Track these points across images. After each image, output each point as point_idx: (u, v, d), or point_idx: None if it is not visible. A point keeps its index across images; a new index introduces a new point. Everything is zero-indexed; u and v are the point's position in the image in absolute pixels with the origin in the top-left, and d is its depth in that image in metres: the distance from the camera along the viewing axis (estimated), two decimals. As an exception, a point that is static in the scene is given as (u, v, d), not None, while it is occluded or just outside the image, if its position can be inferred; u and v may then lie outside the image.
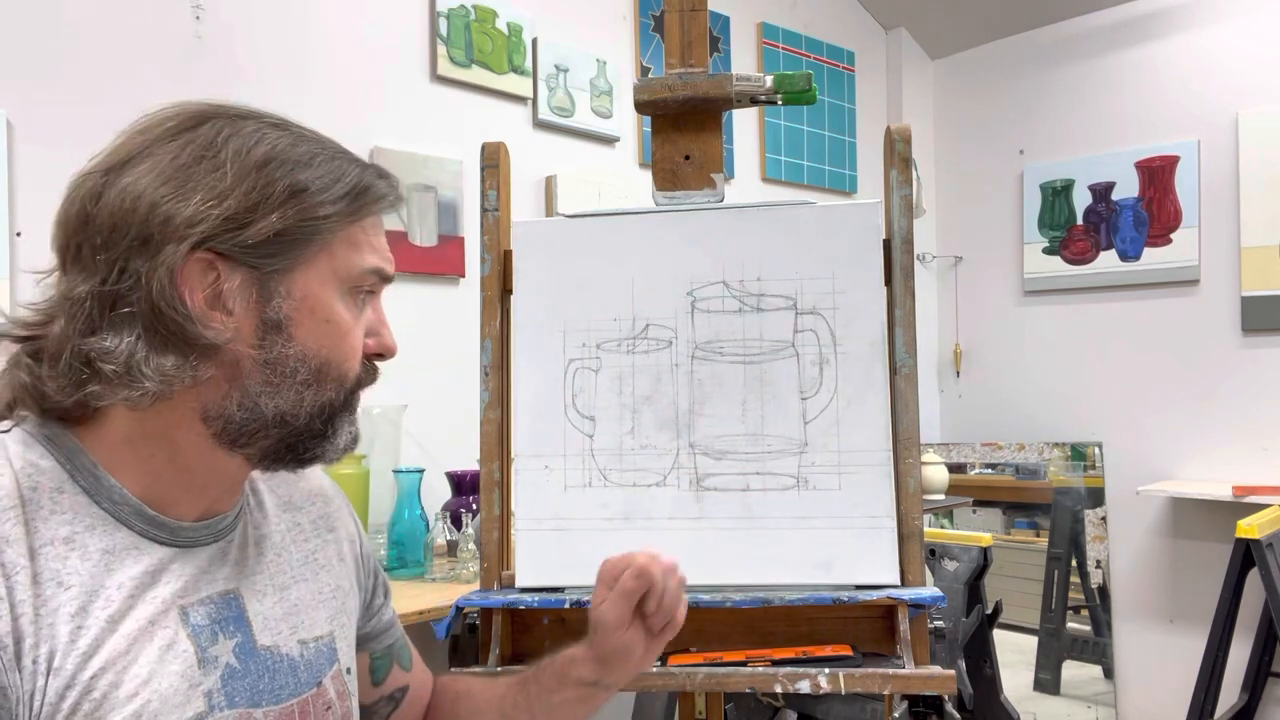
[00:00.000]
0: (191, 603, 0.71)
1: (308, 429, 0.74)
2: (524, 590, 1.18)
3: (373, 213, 0.76)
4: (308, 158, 0.72)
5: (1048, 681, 3.00)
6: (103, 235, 0.67)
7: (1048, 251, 3.16)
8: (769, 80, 1.25)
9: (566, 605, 1.16)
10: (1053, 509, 3.08)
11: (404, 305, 2.07)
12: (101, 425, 0.70)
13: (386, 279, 0.78)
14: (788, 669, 1.07)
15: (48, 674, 0.63)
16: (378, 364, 0.80)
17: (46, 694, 0.62)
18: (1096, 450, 3.02)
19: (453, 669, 1.14)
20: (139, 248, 0.66)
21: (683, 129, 1.28)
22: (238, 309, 0.69)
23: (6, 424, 0.71)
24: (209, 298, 0.68)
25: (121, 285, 0.67)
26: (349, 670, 0.85)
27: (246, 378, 0.70)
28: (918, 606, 1.12)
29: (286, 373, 0.71)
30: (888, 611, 1.15)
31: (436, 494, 1.90)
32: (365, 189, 0.74)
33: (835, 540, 1.16)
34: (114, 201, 0.67)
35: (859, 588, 1.15)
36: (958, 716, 1.89)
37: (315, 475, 0.92)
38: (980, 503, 3.19)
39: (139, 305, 0.67)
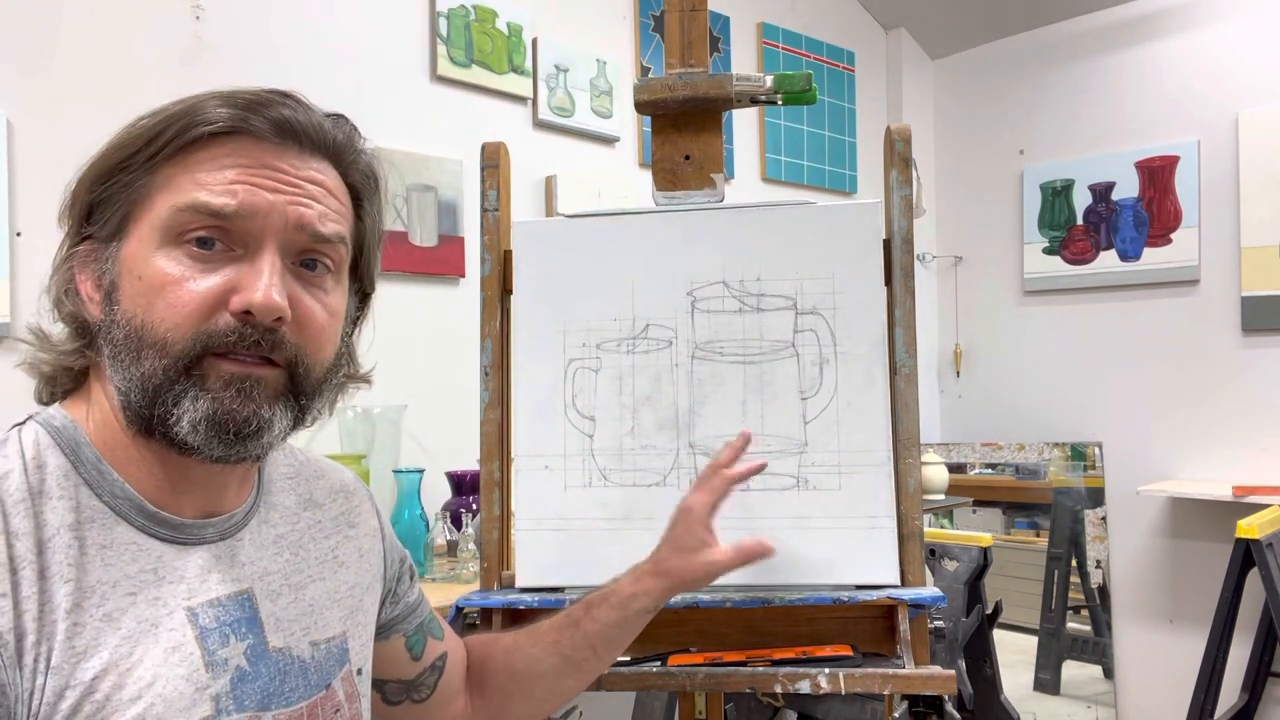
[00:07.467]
0: (200, 604, 0.70)
1: (140, 411, 0.68)
2: (524, 590, 1.18)
3: (189, 140, 0.68)
4: (141, 121, 0.70)
5: (1048, 681, 3.00)
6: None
7: (1048, 251, 3.15)
8: (769, 80, 1.25)
9: (567, 605, 1.15)
10: (1053, 509, 3.08)
11: (404, 305, 2.08)
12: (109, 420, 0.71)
13: (217, 214, 0.67)
14: (788, 669, 1.07)
15: (46, 672, 0.61)
16: (274, 326, 0.68)
17: (44, 693, 0.61)
18: (1096, 450, 3.02)
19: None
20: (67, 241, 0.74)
21: (683, 129, 1.28)
22: (89, 286, 0.71)
23: (24, 419, 0.72)
24: (92, 281, 0.71)
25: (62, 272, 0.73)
26: (360, 671, 0.84)
27: (108, 356, 0.70)
28: (918, 606, 1.11)
29: (119, 343, 0.68)
30: (888, 611, 1.15)
31: (436, 494, 1.90)
32: (178, 121, 0.68)
33: (835, 540, 1.16)
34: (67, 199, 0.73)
35: (859, 588, 1.14)
36: (958, 716, 1.89)
37: (337, 471, 0.92)
38: (980, 503, 3.19)
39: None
